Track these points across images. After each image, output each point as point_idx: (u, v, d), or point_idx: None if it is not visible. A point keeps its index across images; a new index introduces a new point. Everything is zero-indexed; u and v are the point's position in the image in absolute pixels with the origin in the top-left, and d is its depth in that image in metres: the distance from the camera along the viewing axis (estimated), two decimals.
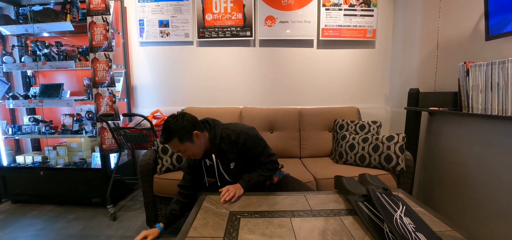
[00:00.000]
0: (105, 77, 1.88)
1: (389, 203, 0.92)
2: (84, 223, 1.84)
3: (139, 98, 2.34)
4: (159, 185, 1.49)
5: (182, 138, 1.01)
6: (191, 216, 0.92)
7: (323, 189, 1.48)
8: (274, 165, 1.18)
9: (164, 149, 1.56)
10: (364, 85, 2.32)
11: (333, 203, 1.04)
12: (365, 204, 0.96)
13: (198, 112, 2.11)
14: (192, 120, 1.06)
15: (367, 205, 0.95)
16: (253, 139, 1.11)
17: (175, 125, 1.00)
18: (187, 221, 0.89)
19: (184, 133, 1.01)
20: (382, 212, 0.84)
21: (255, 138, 1.12)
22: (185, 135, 1.01)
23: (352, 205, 0.97)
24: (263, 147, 1.14)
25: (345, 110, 2.10)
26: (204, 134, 1.10)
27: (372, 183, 1.08)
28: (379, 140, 1.59)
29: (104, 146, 1.95)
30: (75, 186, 2.05)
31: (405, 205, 0.93)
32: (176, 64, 2.29)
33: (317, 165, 1.73)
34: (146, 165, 1.49)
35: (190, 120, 1.05)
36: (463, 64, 1.30)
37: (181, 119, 1.02)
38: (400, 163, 1.48)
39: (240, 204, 1.02)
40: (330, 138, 2.02)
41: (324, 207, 1.00)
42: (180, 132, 1.00)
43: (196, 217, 0.92)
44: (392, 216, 0.83)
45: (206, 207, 0.99)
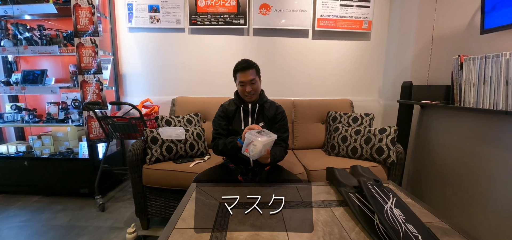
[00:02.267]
0: (91, 64, 1.80)
1: (380, 195, 0.92)
2: (72, 214, 1.79)
3: (128, 86, 2.26)
4: (148, 176, 1.45)
5: (258, 71, 1.28)
6: (180, 207, 0.90)
7: (314, 180, 1.47)
8: (287, 147, 1.34)
9: (153, 139, 1.51)
10: (358, 78, 2.31)
11: (324, 194, 1.03)
12: (356, 196, 0.96)
13: (190, 103, 2.08)
14: None
15: (358, 197, 0.95)
16: (285, 117, 1.37)
17: (252, 62, 1.26)
18: (176, 211, 0.87)
19: (259, 69, 1.30)
20: (373, 204, 0.84)
21: (286, 118, 1.38)
22: (259, 72, 1.30)
23: (343, 197, 0.97)
24: (287, 127, 1.37)
25: (339, 102, 2.09)
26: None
27: (363, 175, 1.08)
28: (371, 133, 1.59)
29: (91, 135, 1.88)
30: (61, 176, 1.99)
31: (396, 196, 0.94)
32: (167, 52, 2.21)
33: (309, 156, 1.72)
34: (135, 156, 1.45)
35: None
36: (457, 57, 1.29)
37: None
38: (391, 156, 1.49)
39: (230, 194, 1.00)
40: (323, 130, 2.02)
41: (315, 198, 0.99)
42: (258, 67, 1.29)
43: (185, 208, 0.89)
44: (383, 207, 0.83)
45: (196, 198, 0.97)
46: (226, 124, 1.32)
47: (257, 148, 1.00)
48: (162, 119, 1.74)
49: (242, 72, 1.24)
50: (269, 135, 1.07)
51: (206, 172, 1.24)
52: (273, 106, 1.36)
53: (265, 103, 1.35)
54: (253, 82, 1.25)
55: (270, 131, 1.21)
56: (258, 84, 1.29)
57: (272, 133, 1.09)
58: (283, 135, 1.32)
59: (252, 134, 1.03)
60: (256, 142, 1.00)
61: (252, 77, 1.24)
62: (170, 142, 1.56)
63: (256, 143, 1.00)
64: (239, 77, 1.25)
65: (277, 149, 1.24)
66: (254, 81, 1.25)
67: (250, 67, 1.24)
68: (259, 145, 1.00)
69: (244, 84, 1.25)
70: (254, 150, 1.01)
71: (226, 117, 1.32)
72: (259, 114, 1.33)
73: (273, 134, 1.09)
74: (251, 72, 1.24)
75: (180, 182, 1.42)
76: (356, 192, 0.97)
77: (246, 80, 1.24)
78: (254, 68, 1.26)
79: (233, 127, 1.31)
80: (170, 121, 1.76)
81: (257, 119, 1.32)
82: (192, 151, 1.63)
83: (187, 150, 1.61)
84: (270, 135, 1.07)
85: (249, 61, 1.26)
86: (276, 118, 1.34)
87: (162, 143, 1.53)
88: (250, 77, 1.23)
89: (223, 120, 1.32)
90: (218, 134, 1.30)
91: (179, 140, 1.59)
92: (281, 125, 1.33)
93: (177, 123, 1.77)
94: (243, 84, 1.25)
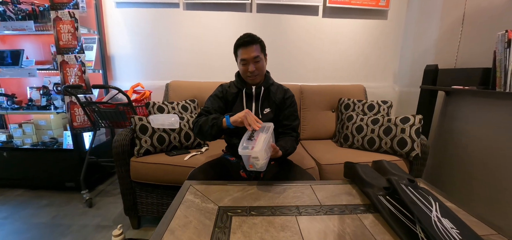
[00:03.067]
0: (70, 42, 1.57)
1: (420, 199, 0.74)
2: (56, 210, 1.63)
3: (117, 69, 2.04)
4: (137, 170, 1.27)
5: (263, 48, 1.08)
6: (169, 213, 0.72)
7: (327, 177, 1.29)
8: (298, 137, 1.16)
9: (142, 127, 1.31)
10: (372, 61, 2.09)
11: (346, 196, 0.85)
12: (387, 199, 0.77)
13: (186, 87, 1.86)
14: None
15: (390, 200, 0.77)
16: (295, 102, 1.17)
17: (256, 36, 1.06)
18: (163, 220, 0.69)
19: (264, 46, 1.09)
20: (415, 211, 0.65)
21: (296, 103, 1.18)
22: (264, 48, 1.09)
23: (371, 200, 0.78)
24: (297, 114, 1.18)
25: (351, 88, 1.88)
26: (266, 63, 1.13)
27: (393, 172, 0.89)
28: (392, 122, 1.39)
29: (74, 123, 1.68)
30: (45, 169, 1.81)
31: (437, 201, 0.75)
32: (160, 31, 1.97)
33: (319, 148, 1.54)
34: (121, 147, 1.26)
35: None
36: (504, 33, 1.08)
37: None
38: (415, 149, 1.30)
39: (231, 196, 0.82)
40: (334, 119, 1.83)
41: (336, 201, 0.81)
42: (263, 43, 1.08)
43: (176, 215, 0.71)
44: (429, 217, 0.65)
45: (188, 201, 0.78)
46: (221, 106, 1.11)
47: (259, 160, 0.80)
48: (154, 106, 1.54)
49: (245, 47, 1.03)
50: (263, 128, 0.88)
51: (202, 167, 1.05)
52: (281, 90, 1.17)
53: (271, 86, 1.15)
54: (257, 60, 1.04)
55: (276, 119, 1.02)
56: (263, 62, 1.09)
57: (266, 122, 0.91)
58: (293, 123, 1.13)
59: (245, 148, 0.80)
60: (254, 153, 0.78)
61: (256, 53, 1.03)
62: (162, 132, 1.36)
63: (254, 154, 0.78)
64: (240, 53, 1.04)
65: (288, 140, 1.06)
66: (258, 58, 1.04)
67: (254, 42, 1.04)
68: (259, 154, 0.78)
69: (246, 62, 1.04)
70: (258, 163, 0.80)
71: (224, 100, 1.12)
72: (264, 99, 1.13)
73: (267, 123, 0.91)
74: (255, 48, 1.03)
75: (174, 177, 1.24)
76: (387, 195, 0.79)
77: (249, 58, 1.03)
78: (258, 43, 1.05)
79: (232, 114, 1.11)
80: (163, 107, 1.55)
81: (262, 105, 1.12)
82: (188, 142, 1.44)
83: (182, 141, 1.42)
84: (264, 129, 0.88)
85: (252, 35, 1.05)
86: (284, 103, 1.14)
87: (152, 132, 1.33)
88: (253, 53, 1.03)
89: (220, 101, 1.11)
90: (207, 111, 1.07)
91: (173, 129, 1.40)
92: (291, 112, 1.14)
93: (171, 110, 1.57)
94: (245, 62, 1.04)
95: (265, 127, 0.90)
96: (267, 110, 1.13)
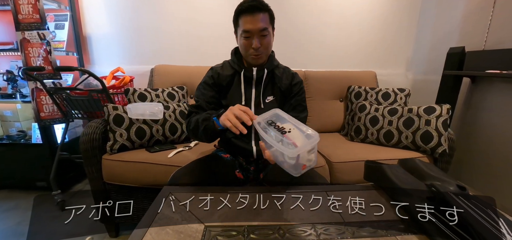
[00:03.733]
0: (32, 15, 1.31)
1: (481, 216, 0.54)
2: (23, 214, 1.40)
3: (95, 52, 1.78)
4: (110, 170, 1.05)
5: (272, 19, 0.85)
6: (137, 235, 0.51)
7: (339, 178, 1.10)
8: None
9: (117, 119, 1.09)
10: (383, 45, 1.87)
11: (375, 208, 0.65)
12: (433, 213, 0.57)
13: (173, 72, 1.58)
14: None
15: (437, 214, 0.57)
16: (303, 90, 0.96)
17: (265, 2, 0.83)
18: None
19: (274, 16, 0.85)
20: (486, 237, 0.46)
21: (304, 91, 0.98)
22: (273, 19, 0.86)
23: (411, 215, 0.59)
24: (305, 104, 0.97)
25: (361, 75, 1.67)
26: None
27: (432, 175, 0.69)
28: (414, 113, 1.19)
29: (42, 114, 1.44)
30: (12, 166, 1.57)
31: (501, 218, 0.56)
32: (144, 7, 1.71)
33: (327, 143, 1.34)
34: (90, 142, 1.03)
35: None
36: None
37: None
38: (442, 144, 1.11)
39: (223, 208, 0.61)
40: (342, 109, 1.62)
41: (363, 216, 0.61)
42: (272, 13, 0.84)
43: (145, 238, 0.50)
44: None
45: (164, 218, 0.57)
46: (214, 96, 0.89)
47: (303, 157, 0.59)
48: (134, 93, 1.31)
49: (250, 15, 0.78)
50: (274, 117, 0.66)
51: (188, 167, 0.84)
52: (288, 74, 0.94)
53: (276, 68, 0.92)
54: (264, 34, 0.81)
55: (280, 109, 0.79)
56: (271, 38, 0.85)
57: (291, 118, 0.66)
58: (301, 115, 0.92)
59: (287, 145, 0.59)
60: (303, 148, 0.57)
61: (263, 25, 0.79)
62: (143, 123, 1.14)
63: (303, 150, 0.57)
64: (243, 23, 0.80)
65: None
66: (266, 32, 0.81)
67: (262, 9, 0.79)
68: (302, 153, 0.58)
69: (250, 34, 0.80)
70: (311, 158, 0.61)
71: (216, 87, 0.89)
72: (267, 84, 0.90)
73: (266, 113, 0.68)
74: (262, 17, 0.79)
75: (156, 178, 1.03)
76: (433, 209, 0.59)
77: (254, 29, 0.79)
78: (267, 12, 0.81)
79: (228, 102, 0.89)
80: (145, 95, 1.32)
81: (264, 92, 0.90)
82: (174, 135, 1.22)
83: (166, 134, 1.20)
84: (277, 117, 0.66)
85: (263, 2, 0.81)
86: (291, 90, 0.93)
87: (130, 124, 1.11)
88: (260, 24, 0.78)
89: (211, 90, 0.89)
90: (197, 108, 0.86)
91: (155, 121, 1.17)
92: (298, 101, 0.93)
93: (155, 98, 1.33)
94: (248, 35, 0.80)
95: (274, 115, 0.67)
96: (270, 99, 0.91)
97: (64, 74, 1.69)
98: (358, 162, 1.09)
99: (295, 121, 0.65)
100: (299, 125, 0.64)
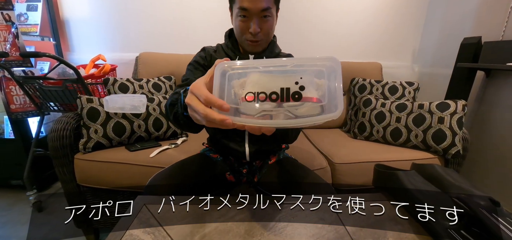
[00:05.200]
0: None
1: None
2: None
3: (75, 38, 1.62)
4: (83, 171, 0.93)
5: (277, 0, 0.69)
6: None
7: (342, 180, 0.99)
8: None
9: (91, 112, 0.95)
10: (388, 35, 1.74)
11: (391, 224, 0.54)
12: (465, 236, 0.47)
13: (160, 61, 1.38)
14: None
15: (467, 236, 0.46)
16: None
17: None
18: None
19: None
20: None
21: None
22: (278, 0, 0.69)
23: (438, 236, 0.48)
24: None
25: (366, 66, 1.55)
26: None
27: (457, 185, 0.58)
28: (425, 109, 1.08)
29: (12, 106, 1.30)
30: None
31: None
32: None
33: (329, 141, 1.23)
34: (59, 139, 0.90)
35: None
36: None
37: None
38: (456, 144, 1.00)
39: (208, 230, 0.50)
40: (344, 103, 1.50)
41: (378, 237, 0.50)
42: None
43: None
44: None
45: (133, 239, 0.45)
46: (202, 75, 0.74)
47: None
48: (115, 83, 1.17)
49: None
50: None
51: (169, 171, 0.72)
52: None
53: (277, 57, 0.79)
54: (266, 16, 0.65)
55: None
56: (273, 21, 0.69)
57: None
58: None
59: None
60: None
61: (265, 4, 0.63)
62: (122, 118, 1.01)
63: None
64: (239, 0, 0.64)
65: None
66: (268, 13, 0.65)
67: None
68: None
69: (248, 14, 0.64)
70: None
71: (208, 69, 0.74)
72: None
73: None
74: None
75: (136, 181, 0.91)
76: (462, 228, 0.48)
77: (254, 9, 0.63)
78: None
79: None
80: (127, 85, 1.18)
81: None
82: (158, 132, 1.09)
83: (150, 130, 1.07)
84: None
85: None
86: None
87: (106, 118, 0.97)
88: (261, 4, 0.62)
89: (202, 71, 0.73)
90: (181, 87, 0.65)
91: (137, 115, 1.04)
92: None
93: (138, 89, 1.20)
94: (246, 15, 0.64)
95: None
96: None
97: (40, 62, 1.54)
98: (364, 164, 0.98)
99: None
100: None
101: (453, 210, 0.50)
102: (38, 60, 1.53)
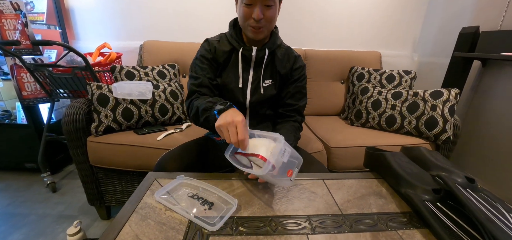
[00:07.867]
0: None
1: (489, 210, 0.49)
2: (13, 196, 1.37)
3: (80, 26, 1.65)
4: (96, 153, 0.99)
5: None
6: (111, 231, 0.46)
7: (337, 163, 1.05)
8: (303, 121, 0.88)
9: (102, 98, 1.01)
10: (390, 25, 1.75)
11: (375, 198, 0.60)
12: (438, 206, 0.53)
13: (164, 49, 1.43)
14: None
15: (443, 208, 0.53)
16: (305, 75, 0.88)
17: None
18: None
19: None
20: (495, 234, 0.41)
21: (306, 76, 0.89)
22: None
23: (415, 207, 0.54)
24: (305, 92, 0.89)
25: (365, 55, 1.58)
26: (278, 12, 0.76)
27: (439, 165, 0.64)
28: (420, 97, 1.13)
29: (24, 93, 1.36)
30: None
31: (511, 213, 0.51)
32: None
33: (326, 127, 1.28)
34: (73, 123, 0.96)
35: None
36: None
37: None
38: (447, 130, 1.05)
39: None
40: (342, 92, 1.55)
41: (362, 207, 0.56)
42: None
43: (123, 231, 0.46)
44: None
45: (146, 208, 0.52)
46: (214, 71, 0.80)
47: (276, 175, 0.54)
48: (121, 71, 1.22)
49: None
50: (258, 134, 0.61)
51: (176, 151, 0.78)
52: (290, 55, 0.85)
53: (278, 48, 0.82)
54: (269, 4, 0.69)
55: (278, 94, 0.72)
56: (276, 11, 0.72)
57: (268, 134, 0.59)
58: (299, 103, 0.85)
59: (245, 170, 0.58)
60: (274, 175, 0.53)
61: None
62: (130, 104, 1.06)
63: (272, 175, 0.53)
64: None
65: (289, 129, 0.79)
66: (271, 2, 0.69)
67: None
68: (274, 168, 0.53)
69: (252, 2, 0.68)
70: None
71: (214, 62, 0.79)
72: (267, 66, 0.81)
73: (271, 135, 0.58)
74: None
75: (144, 162, 0.98)
76: (438, 200, 0.54)
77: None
78: None
79: (223, 81, 0.81)
80: (133, 73, 1.23)
81: (264, 74, 0.81)
82: (164, 117, 1.15)
83: (156, 115, 1.13)
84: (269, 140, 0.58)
85: None
86: (291, 75, 0.84)
87: (116, 104, 1.03)
88: None
89: (210, 64, 0.79)
90: (199, 86, 0.76)
91: (144, 101, 1.10)
92: (298, 88, 0.84)
93: (144, 76, 1.25)
94: (250, 2, 0.68)
95: (267, 137, 0.59)
96: (268, 82, 0.82)
97: (47, 50, 1.59)
98: (358, 148, 1.04)
99: (257, 132, 0.61)
100: (261, 133, 0.60)
101: (429, 187, 0.56)
102: (45, 48, 1.58)
